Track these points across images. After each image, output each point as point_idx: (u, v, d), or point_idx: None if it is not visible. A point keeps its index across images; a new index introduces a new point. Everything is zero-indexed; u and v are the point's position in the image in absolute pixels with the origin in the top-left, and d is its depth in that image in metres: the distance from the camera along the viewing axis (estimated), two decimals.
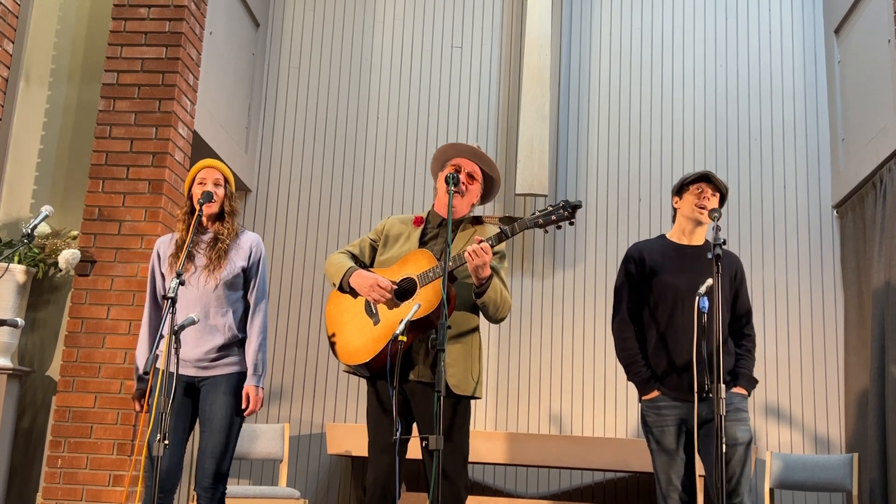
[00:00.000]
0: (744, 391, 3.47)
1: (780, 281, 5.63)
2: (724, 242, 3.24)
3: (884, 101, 5.06)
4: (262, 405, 3.57)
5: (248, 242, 3.66)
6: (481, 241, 3.10)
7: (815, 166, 5.80)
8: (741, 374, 3.49)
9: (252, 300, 3.63)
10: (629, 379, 3.59)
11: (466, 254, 3.08)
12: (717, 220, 3.37)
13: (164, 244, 3.68)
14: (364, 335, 3.24)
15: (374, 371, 3.22)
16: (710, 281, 3.16)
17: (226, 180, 3.63)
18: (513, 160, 5.85)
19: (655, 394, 3.47)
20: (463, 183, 3.34)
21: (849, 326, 5.42)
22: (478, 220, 3.45)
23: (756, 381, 3.55)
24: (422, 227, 3.41)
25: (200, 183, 3.58)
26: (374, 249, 3.46)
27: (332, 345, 3.35)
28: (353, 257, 3.46)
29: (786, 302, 5.61)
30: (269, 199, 5.99)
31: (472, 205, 3.45)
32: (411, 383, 3.24)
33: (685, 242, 3.60)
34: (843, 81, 5.68)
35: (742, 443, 3.38)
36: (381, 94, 6.10)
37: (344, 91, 6.14)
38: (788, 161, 5.82)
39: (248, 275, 3.63)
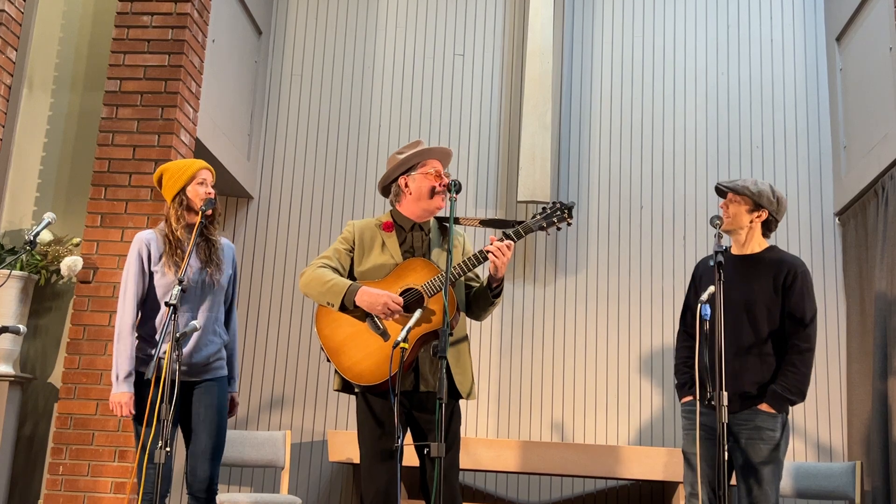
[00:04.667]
0: (769, 409, 3.37)
1: None
2: (727, 249, 3.24)
3: (885, 108, 5.07)
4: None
5: (230, 250, 3.71)
6: (502, 240, 3.15)
7: (816, 174, 5.80)
8: (771, 392, 3.38)
9: (232, 306, 3.71)
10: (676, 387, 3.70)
11: (491, 254, 3.12)
12: (719, 227, 3.38)
13: (154, 241, 3.54)
14: (376, 353, 3.15)
15: (392, 383, 3.13)
16: (711, 288, 3.16)
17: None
18: (515, 167, 5.85)
19: (686, 399, 3.54)
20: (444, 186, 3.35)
21: (851, 334, 5.41)
22: (455, 221, 3.40)
23: (790, 400, 3.38)
24: (393, 231, 3.35)
25: (201, 183, 3.56)
26: (350, 259, 3.35)
27: (337, 366, 3.20)
28: (335, 272, 3.30)
29: None
30: (271, 206, 6.00)
31: None
32: (420, 394, 3.22)
33: (737, 252, 3.59)
34: (845, 89, 5.68)
35: (760, 463, 3.32)
36: (383, 102, 6.11)
37: (346, 98, 6.15)
38: (790, 169, 5.82)
39: (230, 282, 3.70)
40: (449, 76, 6.13)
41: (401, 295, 3.18)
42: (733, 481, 3.61)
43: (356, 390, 3.26)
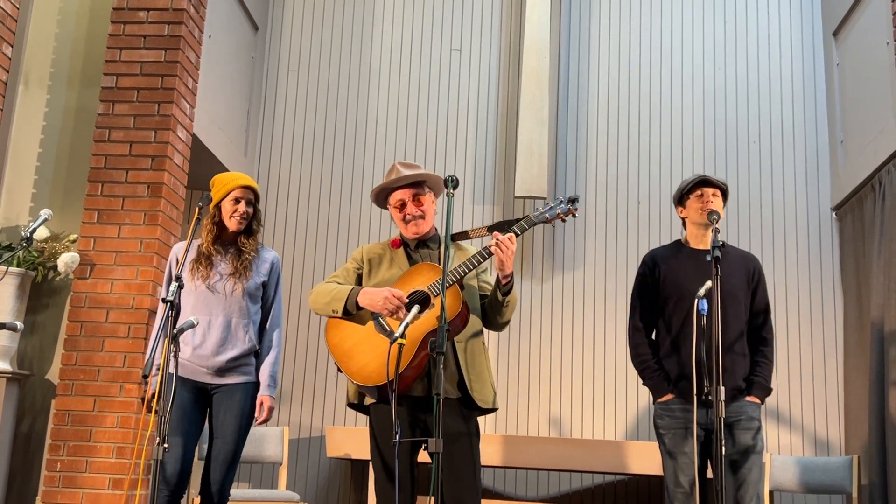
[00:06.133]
0: (757, 400, 3.47)
1: (779, 284, 5.63)
2: (723, 245, 3.24)
3: (882, 103, 5.07)
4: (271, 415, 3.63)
5: (270, 258, 3.70)
6: (505, 234, 3.13)
7: (814, 169, 5.80)
8: (755, 383, 3.47)
9: (271, 314, 3.68)
10: (644, 384, 3.62)
11: (493, 247, 3.10)
12: (717, 222, 3.39)
13: (184, 252, 3.62)
14: (384, 354, 3.13)
15: (402, 389, 3.13)
16: (709, 283, 3.16)
17: (256, 198, 3.66)
18: (512, 163, 5.85)
19: (668, 397, 3.51)
20: (416, 209, 3.33)
21: (848, 329, 5.42)
22: (462, 235, 3.43)
23: (770, 390, 3.52)
24: (402, 247, 3.38)
25: (236, 200, 3.57)
26: (359, 276, 3.39)
27: (346, 372, 3.21)
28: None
29: (785, 305, 5.61)
30: (268, 203, 5.99)
31: (433, 212, 3.44)
32: (432, 399, 3.19)
33: (700, 247, 3.60)
34: (842, 84, 5.68)
35: (752, 451, 3.39)
36: (381, 98, 6.11)
37: (343, 94, 6.14)
38: (787, 164, 5.83)
39: (266, 290, 3.67)
40: (446, 72, 6.13)
41: (408, 297, 3.18)
42: (709, 474, 3.64)
43: (367, 402, 3.27)
